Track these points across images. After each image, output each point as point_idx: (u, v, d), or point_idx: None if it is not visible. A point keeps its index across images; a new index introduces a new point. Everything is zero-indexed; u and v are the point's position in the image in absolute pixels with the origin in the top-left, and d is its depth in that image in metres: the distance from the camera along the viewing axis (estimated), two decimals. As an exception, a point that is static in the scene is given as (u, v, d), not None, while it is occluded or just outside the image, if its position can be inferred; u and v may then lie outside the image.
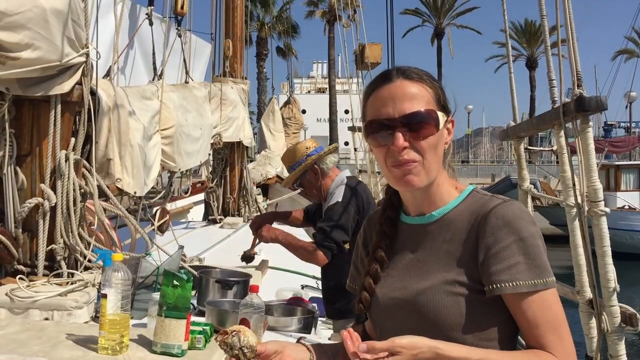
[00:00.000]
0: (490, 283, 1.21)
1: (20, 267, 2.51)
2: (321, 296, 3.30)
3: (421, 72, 1.30)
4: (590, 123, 2.04)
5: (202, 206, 7.00)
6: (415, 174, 1.26)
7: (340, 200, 3.02)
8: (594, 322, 2.12)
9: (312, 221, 3.48)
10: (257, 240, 3.28)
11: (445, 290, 1.24)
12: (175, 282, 1.78)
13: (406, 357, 1.13)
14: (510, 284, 1.19)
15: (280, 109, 10.65)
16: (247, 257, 3.36)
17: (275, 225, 3.36)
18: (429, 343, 1.14)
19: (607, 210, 2.00)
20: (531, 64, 45.04)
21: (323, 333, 3.11)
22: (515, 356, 1.19)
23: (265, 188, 9.08)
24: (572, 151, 2.22)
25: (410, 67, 1.32)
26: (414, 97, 1.26)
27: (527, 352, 1.20)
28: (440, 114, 1.27)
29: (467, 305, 1.23)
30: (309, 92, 48.84)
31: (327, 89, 39.96)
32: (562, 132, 2.21)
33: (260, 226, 3.20)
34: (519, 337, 1.29)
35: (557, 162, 2.31)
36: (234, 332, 1.26)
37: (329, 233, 2.95)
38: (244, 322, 1.80)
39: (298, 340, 1.43)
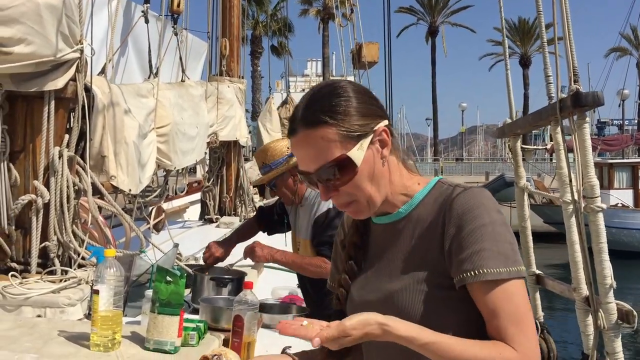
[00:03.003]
0: (456, 274, 1.18)
1: (13, 264, 2.49)
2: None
3: (320, 108, 1.23)
4: (587, 119, 2.03)
5: (199, 205, 6.98)
6: (358, 210, 1.26)
7: (331, 206, 2.94)
8: (590, 319, 2.10)
9: (270, 226, 3.39)
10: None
11: (418, 289, 1.21)
12: (168, 279, 1.77)
13: (358, 336, 1.12)
14: (473, 272, 1.15)
15: (278, 109, 10.63)
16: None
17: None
18: (378, 319, 1.12)
19: (604, 206, 1.99)
20: (524, 62, 45.18)
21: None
22: (471, 344, 1.13)
23: (261, 187, 9.05)
24: (568, 149, 2.21)
25: (312, 103, 1.25)
26: (319, 151, 1.21)
27: (485, 342, 1.15)
28: (354, 150, 1.21)
29: (441, 302, 1.20)
30: (303, 90, 48.77)
31: (321, 88, 39.90)
32: (559, 129, 2.19)
33: (249, 251, 3.03)
34: None
35: (551, 160, 2.31)
36: (215, 357, 1.24)
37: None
38: (238, 319, 1.78)
39: (283, 351, 1.41)
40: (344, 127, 1.21)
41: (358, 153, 1.22)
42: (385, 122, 1.27)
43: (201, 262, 3.85)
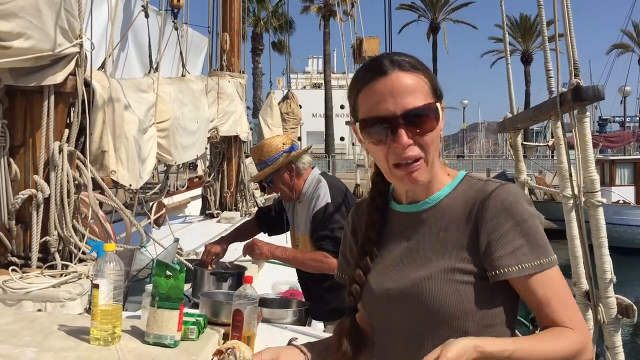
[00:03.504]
0: (494, 268, 1.21)
1: (14, 259, 2.49)
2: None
3: (414, 61, 1.26)
4: (588, 113, 2.03)
5: (200, 201, 6.98)
6: (420, 171, 1.23)
7: (330, 201, 2.94)
8: (590, 313, 2.11)
9: (270, 226, 3.37)
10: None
11: (446, 278, 1.22)
12: (167, 273, 1.77)
13: None
14: (516, 267, 1.19)
15: (279, 104, 10.61)
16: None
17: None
18: (474, 342, 1.11)
19: (604, 200, 1.99)
20: (526, 59, 45.11)
21: (318, 326, 3.10)
22: (543, 338, 1.18)
23: (262, 182, 9.03)
24: (570, 146, 2.20)
25: (400, 54, 1.27)
26: (414, 91, 1.21)
27: (550, 331, 1.20)
28: (438, 105, 1.24)
29: (468, 292, 1.22)
30: (304, 87, 48.77)
31: (323, 84, 39.88)
32: (559, 123, 2.19)
33: (248, 248, 3.00)
34: (520, 318, 1.29)
35: (553, 157, 2.30)
36: (229, 350, 1.24)
37: (335, 238, 2.87)
38: (238, 313, 1.78)
39: (289, 343, 1.41)
40: (433, 82, 1.26)
41: (440, 109, 1.25)
42: None
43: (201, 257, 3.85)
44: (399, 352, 1.29)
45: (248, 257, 3.37)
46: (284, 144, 3.06)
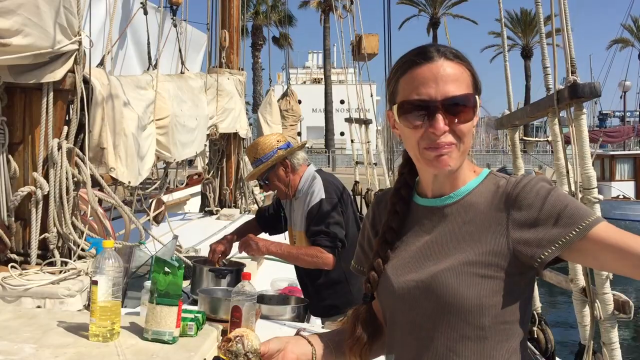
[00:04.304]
0: (553, 243, 1.17)
1: (13, 255, 2.50)
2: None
3: (458, 53, 1.27)
4: (585, 110, 2.03)
5: (199, 198, 6.99)
6: (450, 156, 1.23)
7: (324, 197, 2.95)
8: (587, 310, 2.11)
9: (269, 226, 3.37)
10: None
11: (465, 271, 1.21)
12: (166, 269, 1.78)
13: None
14: (577, 229, 1.15)
15: (278, 101, 10.61)
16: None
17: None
18: None
19: (601, 197, 1.99)
20: (526, 54, 45.06)
21: (317, 322, 3.11)
22: None
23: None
24: (567, 141, 2.21)
25: (446, 46, 1.28)
26: (457, 80, 1.22)
27: None
28: (477, 97, 1.25)
29: (487, 287, 1.20)
30: (304, 82, 48.74)
31: (323, 80, 39.84)
32: (556, 120, 2.19)
33: (243, 244, 2.99)
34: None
35: (552, 152, 2.31)
36: (238, 338, 1.25)
37: (330, 233, 2.89)
38: (236, 309, 1.79)
39: (297, 333, 1.42)
40: (475, 76, 1.27)
41: (478, 103, 1.25)
42: None
43: (201, 254, 3.86)
44: (409, 344, 1.29)
45: (246, 254, 3.38)
46: (278, 141, 3.09)
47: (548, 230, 1.18)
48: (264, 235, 3.27)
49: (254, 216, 3.58)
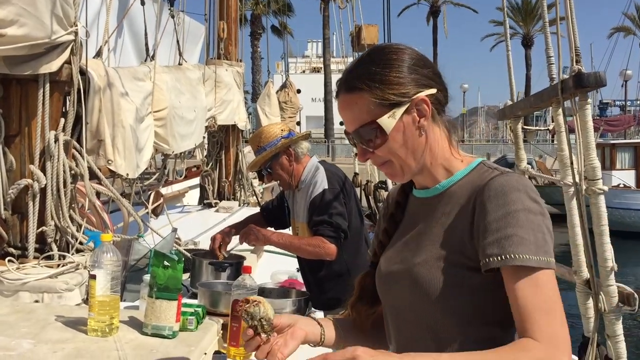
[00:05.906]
0: (483, 257, 1.16)
1: (11, 249, 2.47)
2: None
3: (360, 74, 1.26)
4: (589, 100, 2.00)
5: (198, 190, 6.96)
6: (394, 171, 1.29)
7: (327, 187, 2.93)
8: (591, 302, 2.09)
9: (274, 219, 3.34)
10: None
11: (436, 266, 1.22)
12: (165, 263, 1.75)
13: None
14: (500, 257, 1.12)
15: (277, 92, 10.56)
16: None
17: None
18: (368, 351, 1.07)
19: (605, 188, 1.96)
20: (527, 43, 44.86)
21: (319, 315, 3.09)
22: (489, 353, 1.09)
23: (261, 172, 9.01)
24: (570, 130, 2.18)
25: (356, 68, 1.29)
26: (352, 114, 1.26)
27: (509, 346, 1.11)
28: (384, 118, 1.22)
29: (458, 283, 1.19)
30: (303, 71, 48.54)
31: (322, 69, 39.66)
32: (560, 110, 2.16)
33: (244, 235, 2.95)
34: None
35: (553, 141, 2.28)
36: (256, 302, 1.25)
37: (333, 223, 2.86)
38: (236, 303, 1.77)
39: (308, 315, 1.44)
40: (377, 94, 1.24)
41: (389, 121, 1.24)
42: (431, 91, 1.26)
43: (200, 247, 3.84)
44: (400, 331, 1.33)
45: (246, 247, 3.36)
46: (282, 130, 3.07)
47: (487, 242, 1.15)
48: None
49: (254, 209, 3.56)
